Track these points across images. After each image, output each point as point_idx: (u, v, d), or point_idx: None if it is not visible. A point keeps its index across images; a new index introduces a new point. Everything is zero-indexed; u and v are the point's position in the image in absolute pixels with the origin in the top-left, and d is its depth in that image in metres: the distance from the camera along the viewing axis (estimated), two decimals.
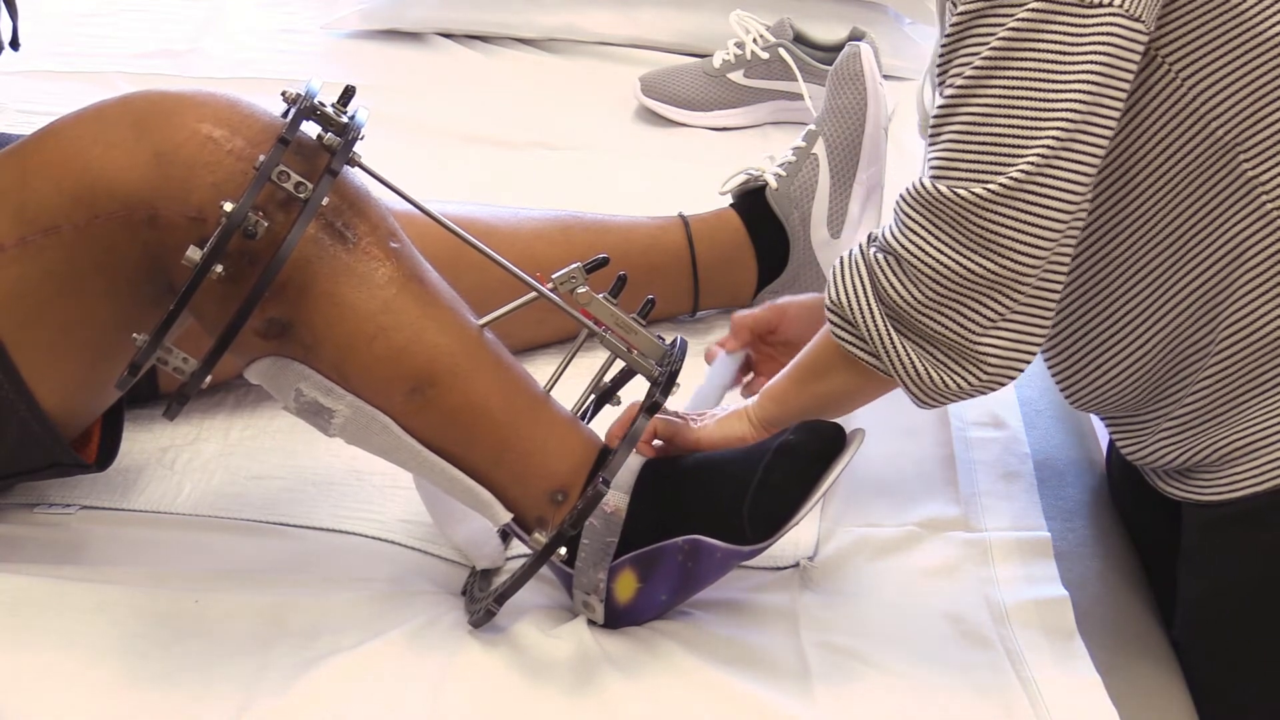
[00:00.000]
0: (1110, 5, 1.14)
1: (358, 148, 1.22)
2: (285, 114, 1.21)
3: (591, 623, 1.30)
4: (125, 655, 1.26)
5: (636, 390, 1.32)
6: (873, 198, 1.71)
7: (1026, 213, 1.16)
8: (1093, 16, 1.14)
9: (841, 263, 1.25)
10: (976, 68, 1.17)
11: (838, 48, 2.09)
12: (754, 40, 2.10)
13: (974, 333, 1.20)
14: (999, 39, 1.16)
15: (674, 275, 1.70)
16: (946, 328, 1.21)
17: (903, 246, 1.20)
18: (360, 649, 1.27)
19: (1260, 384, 1.29)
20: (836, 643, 1.32)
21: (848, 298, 1.24)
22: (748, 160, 1.79)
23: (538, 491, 1.28)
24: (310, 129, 1.22)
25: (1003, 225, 1.17)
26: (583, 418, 1.38)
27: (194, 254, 1.15)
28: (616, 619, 1.30)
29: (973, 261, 1.18)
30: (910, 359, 1.23)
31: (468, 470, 1.27)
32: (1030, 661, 1.31)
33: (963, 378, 1.22)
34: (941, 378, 1.23)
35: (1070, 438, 1.67)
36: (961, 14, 1.18)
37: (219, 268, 1.16)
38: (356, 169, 1.25)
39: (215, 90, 1.25)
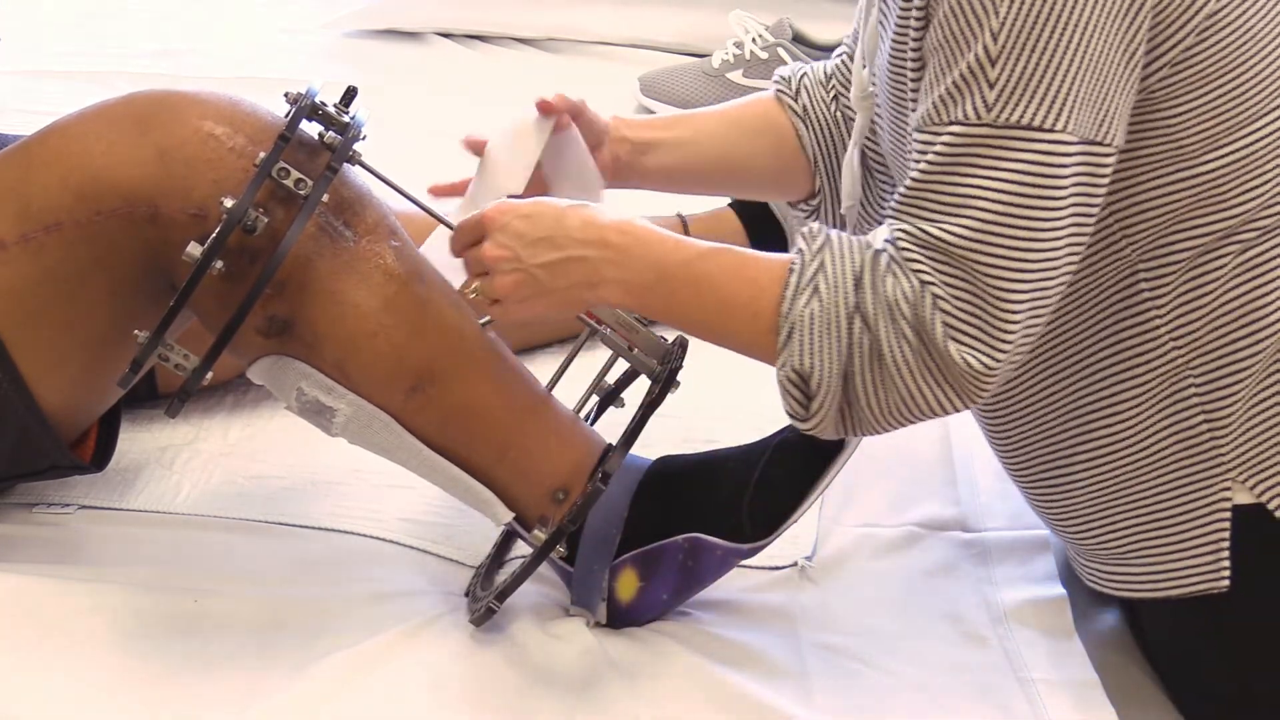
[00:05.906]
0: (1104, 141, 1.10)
1: (359, 147, 1.23)
2: (287, 114, 1.21)
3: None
4: (125, 655, 1.26)
5: (640, 392, 1.32)
6: None
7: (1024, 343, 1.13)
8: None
9: (814, 324, 1.16)
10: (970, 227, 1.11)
11: (836, 47, 2.09)
12: (753, 40, 2.10)
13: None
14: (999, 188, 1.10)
15: None
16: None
17: (901, 381, 1.15)
18: (360, 648, 1.27)
19: (1131, 496, 1.25)
20: (835, 643, 1.32)
21: (818, 368, 1.15)
22: None
23: (539, 490, 1.28)
24: (313, 129, 1.23)
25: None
26: (586, 419, 1.38)
27: (194, 250, 1.16)
28: (618, 619, 1.30)
29: (959, 399, 1.15)
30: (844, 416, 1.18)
31: (469, 469, 1.27)
32: (1028, 661, 1.31)
33: None
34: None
35: None
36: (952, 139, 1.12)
37: (219, 264, 1.16)
38: (358, 168, 1.25)
39: (217, 89, 1.26)
